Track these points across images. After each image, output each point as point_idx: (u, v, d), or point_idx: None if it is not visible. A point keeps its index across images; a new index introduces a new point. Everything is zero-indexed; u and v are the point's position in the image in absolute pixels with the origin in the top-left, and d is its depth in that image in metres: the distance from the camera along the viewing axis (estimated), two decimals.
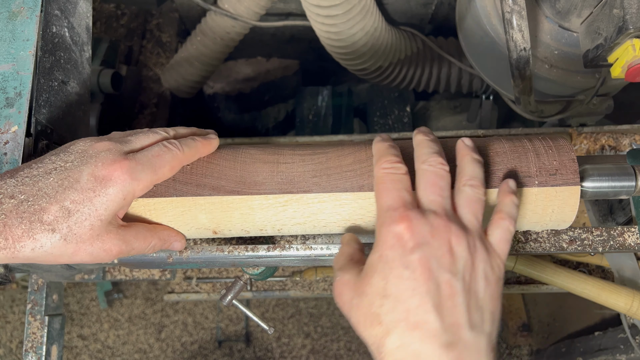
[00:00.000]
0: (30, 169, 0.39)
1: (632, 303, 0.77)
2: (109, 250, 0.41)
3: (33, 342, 0.68)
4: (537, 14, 0.73)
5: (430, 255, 0.37)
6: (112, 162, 0.40)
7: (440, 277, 0.37)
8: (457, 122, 1.19)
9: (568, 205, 0.46)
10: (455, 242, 0.38)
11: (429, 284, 0.37)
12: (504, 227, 0.42)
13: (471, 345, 0.36)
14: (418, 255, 0.37)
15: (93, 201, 0.39)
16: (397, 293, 0.37)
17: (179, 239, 0.47)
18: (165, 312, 1.74)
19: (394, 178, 0.41)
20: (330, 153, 0.47)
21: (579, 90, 0.79)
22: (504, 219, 0.42)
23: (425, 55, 1.08)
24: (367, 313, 0.38)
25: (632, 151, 0.54)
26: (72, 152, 0.41)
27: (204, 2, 1.04)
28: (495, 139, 0.48)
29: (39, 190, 0.38)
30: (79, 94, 0.55)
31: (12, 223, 0.37)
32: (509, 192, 0.43)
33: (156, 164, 0.42)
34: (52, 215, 0.38)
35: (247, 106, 1.34)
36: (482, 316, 0.38)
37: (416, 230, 0.38)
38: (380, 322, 0.37)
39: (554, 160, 0.45)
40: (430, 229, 0.38)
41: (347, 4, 0.86)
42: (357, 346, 1.65)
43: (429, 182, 0.41)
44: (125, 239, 0.42)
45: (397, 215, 0.39)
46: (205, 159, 0.47)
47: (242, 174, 0.46)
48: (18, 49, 0.49)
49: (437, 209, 0.40)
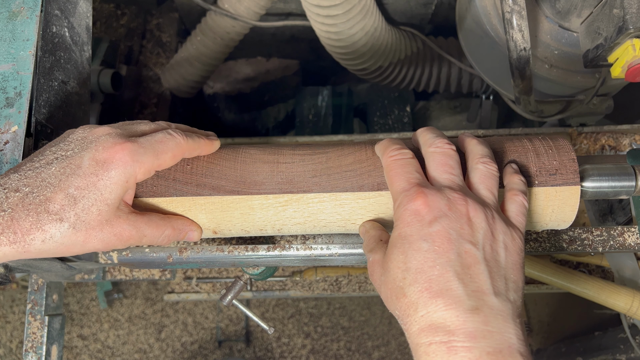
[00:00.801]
0: (32, 162, 0.39)
1: (632, 303, 0.77)
2: (119, 235, 0.40)
3: (33, 342, 0.68)
4: (537, 14, 0.73)
5: (449, 226, 0.38)
6: (112, 145, 0.39)
7: (461, 247, 0.37)
8: (457, 122, 1.19)
9: (568, 205, 0.46)
10: (473, 213, 0.39)
11: (450, 254, 0.37)
12: (519, 202, 0.42)
13: (497, 310, 0.36)
14: (437, 228, 0.38)
15: (97, 185, 0.38)
16: (417, 265, 0.37)
17: (194, 228, 0.46)
18: (165, 312, 1.74)
19: (402, 163, 0.42)
20: (331, 153, 0.47)
21: (579, 90, 0.79)
22: (517, 195, 0.43)
23: (425, 55, 1.08)
24: (392, 287, 0.39)
25: (632, 151, 0.54)
26: (71, 141, 0.40)
27: (204, 2, 1.03)
28: (495, 139, 0.48)
29: (42, 181, 0.38)
30: (79, 94, 0.55)
31: (20, 216, 0.36)
32: (514, 172, 0.44)
33: (159, 149, 0.42)
34: (58, 204, 0.37)
35: (247, 106, 1.34)
36: (506, 284, 0.38)
37: (433, 204, 0.38)
38: (405, 294, 0.37)
39: (554, 160, 0.45)
40: (447, 202, 0.39)
41: (347, 4, 0.86)
42: (357, 346, 1.65)
43: (440, 162, 0.42)
44: (136, 225, 0.41)
45: (413, 192, 0.39)
46: (205, 158, 0.46)
47: (242, 174, 0.46)
48: (18, 49, 0.49)
49: (452, 184, 0.40)
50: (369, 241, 0.44)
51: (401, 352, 1.61)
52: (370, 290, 0.96)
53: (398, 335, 1.63)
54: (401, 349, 1.61)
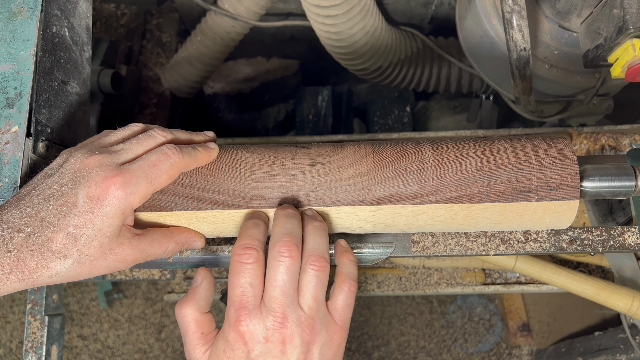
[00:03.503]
0: (31, 197, 0.39)
1: (632, 303, 0.77)
2: (123, 260, 0.41)
3: (33, 342, 0.68)
4: (537, 14, 0.73)
5: (264, 357, 0.41)
6: (104, 180, 0.39)
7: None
8: (457, 122, 1.19)
9: (565, 216, 0.46)
10: (289, 340, 0.41)
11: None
12: (346, 291, 0.45)
13: None
14: (253, 357, 0.41)
15: (94, 222, 0.39)
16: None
17: (197, 238, 0.47)
18: (165, 312, 1.74)
19: (240, 269, 0.42)
20: (331, 164, 0.46)
21: (579, 90, 0.79)
22: (345, 282, 0.45)
23: (425, 55, 1.08)
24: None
25: (632, 151, 0.54)
26: (65, 173, 0.40)
27: (204, 2, 1.04)
28: (499, 148, 0.47)
29: (42, 220, 0.38)
30: (79, 94, 0.55)
31: (25, 256, 0.37)
32: (344, 251, 0.47)
33: (152, 175, 0.41)
34: (60, 244, 0.38)
35: (247, 106, 1.34)
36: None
37: (250, 336, 0.41)
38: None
39: (557, 175, 0.45)
40: (265, 334, 0.41)
41: (347, 4, 0.86)
42: (357, 346, 1.65)
43: (272, 277, 0.42)
44: (139, 247, 0.42)
45: (234, 318, 0.41)
46: (203, 170, 0.46)
47: (242, 188, 0.45)
48: (18, 49, 0.49)
49: (277, 307, 0.41)
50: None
51: (401, 352, 1.61)
52: (370, 290, 0.96)
53: (398, 335, 1.63)
54: (401, 349, 1.61)
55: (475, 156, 0.45)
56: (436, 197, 0.45)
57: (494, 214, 0.46)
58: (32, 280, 0.38)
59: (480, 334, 1.58)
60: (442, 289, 0.97)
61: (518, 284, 0.96)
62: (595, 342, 1.20)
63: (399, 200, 0.45)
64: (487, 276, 0.98)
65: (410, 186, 0.45)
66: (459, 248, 0.54)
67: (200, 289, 0.45)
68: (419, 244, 0.55)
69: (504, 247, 0.54)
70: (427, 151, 0.46)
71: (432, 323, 1.61)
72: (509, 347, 1.57)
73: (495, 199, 0.45)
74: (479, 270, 0.97)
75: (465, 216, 0.46)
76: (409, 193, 0.45)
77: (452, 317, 1.60)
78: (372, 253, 0.53)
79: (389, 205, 0.45)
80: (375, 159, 0.46)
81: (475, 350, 1.56)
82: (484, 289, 0.97)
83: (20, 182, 0.45)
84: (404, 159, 0.46)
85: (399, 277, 0.97)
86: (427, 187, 0.45)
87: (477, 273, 0.97)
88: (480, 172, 0.45)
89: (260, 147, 0.49)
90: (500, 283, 0.97)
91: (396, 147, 0.47)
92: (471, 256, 0.56)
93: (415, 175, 0.45)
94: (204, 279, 0.46)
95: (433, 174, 0.45)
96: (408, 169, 0.45)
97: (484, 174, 0.45)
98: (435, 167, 0.45)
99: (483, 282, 0.97)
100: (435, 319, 1.62)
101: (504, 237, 0.54)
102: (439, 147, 0.46)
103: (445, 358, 1.57)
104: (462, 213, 0.46)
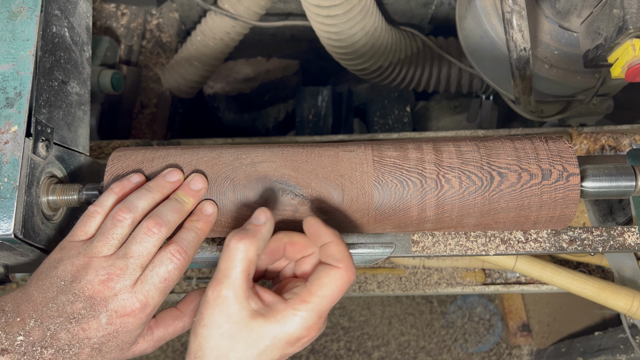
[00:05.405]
0: (50, 315, 0.40)
1: (632, 303, 0.77)
2: (143, 350, 0.44)
3: None
4: (537, 14, 0.73)
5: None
6: (124, 309, 0.40)
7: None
8: (457, 122, 1.19)
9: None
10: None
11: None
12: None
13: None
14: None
15: (118, 337, 0.41)
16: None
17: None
18: None
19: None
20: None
21: (579, 90, 0.79)
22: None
23: (425, 55, 1.08)
24: None
25: (632, 151, 0.54)
26: (80, 296, 0.40)
27: (204, 2, 1.04)
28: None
29: (65, 340, 0.40)
30: (79, 94, 0.55)
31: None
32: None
33: (166, 289, 0.42)
34: (86, 355, 0.40)
35: (247, 106, 1.34)
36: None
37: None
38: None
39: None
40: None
41: (347, 4, 0.86)
42: (357, 346, 1.65)
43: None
44: (154, 338, 0.45)
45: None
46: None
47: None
48: (18, 49, 0.49)
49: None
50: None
51: (401, 352, 1.61)
52: (370, 290, 0.96)
53: (398, 335, 1.63)
54: (401, 349, 1.61)
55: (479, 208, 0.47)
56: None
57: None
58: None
59: (480, 334, 1.58)
60: (442, 289, 0.97)
61: (518, 284, 0.96)
62: (595, 342, 1.20)
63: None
64: (487, 276, 0.98)
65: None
66: (459, 248, 0.54)
67: (263, 228, 0.41)
68: (419, 244, 0.55)
69: (504, 247, 0.54)
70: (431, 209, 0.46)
71: (432, 323, 1.61)
72: (509, 347, 1.57)
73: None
74: (479, 270, 0.97)
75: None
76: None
77: (452, 317, 1.60)
78: (372, 253, 0.53)
79: None
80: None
81: (475, 350, 1.56)
82: (484, 289, 0.97)
83: (20, 182, 0.45)
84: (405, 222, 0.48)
85: (399, 277, 0.97)
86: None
87: (477, 273, 0.97)
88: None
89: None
90: (500, 283, 0.97)
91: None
92: (471, 256, 0.56)
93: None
94: (268, 219, 0.42)
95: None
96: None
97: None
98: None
99: (483, 282, 0.97)
100: (435, 319, 1.61)
101: (504, 237, 0.54)
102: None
103: (445, 358, 1.57)
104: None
